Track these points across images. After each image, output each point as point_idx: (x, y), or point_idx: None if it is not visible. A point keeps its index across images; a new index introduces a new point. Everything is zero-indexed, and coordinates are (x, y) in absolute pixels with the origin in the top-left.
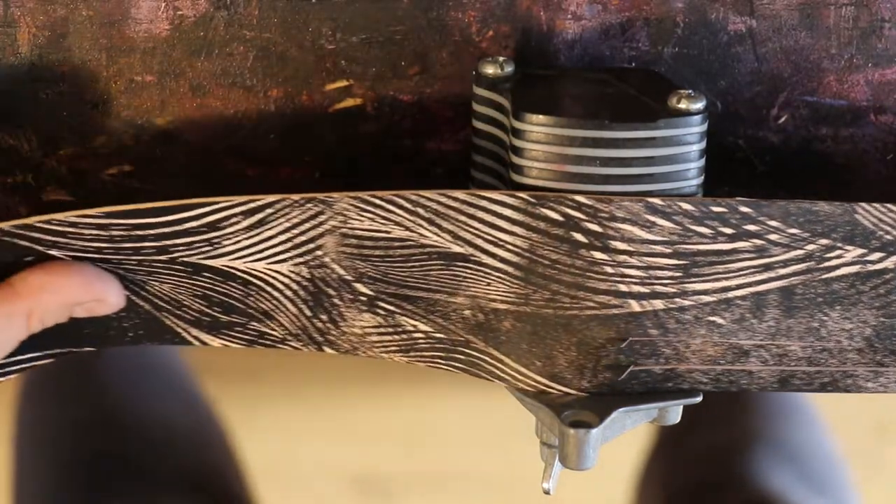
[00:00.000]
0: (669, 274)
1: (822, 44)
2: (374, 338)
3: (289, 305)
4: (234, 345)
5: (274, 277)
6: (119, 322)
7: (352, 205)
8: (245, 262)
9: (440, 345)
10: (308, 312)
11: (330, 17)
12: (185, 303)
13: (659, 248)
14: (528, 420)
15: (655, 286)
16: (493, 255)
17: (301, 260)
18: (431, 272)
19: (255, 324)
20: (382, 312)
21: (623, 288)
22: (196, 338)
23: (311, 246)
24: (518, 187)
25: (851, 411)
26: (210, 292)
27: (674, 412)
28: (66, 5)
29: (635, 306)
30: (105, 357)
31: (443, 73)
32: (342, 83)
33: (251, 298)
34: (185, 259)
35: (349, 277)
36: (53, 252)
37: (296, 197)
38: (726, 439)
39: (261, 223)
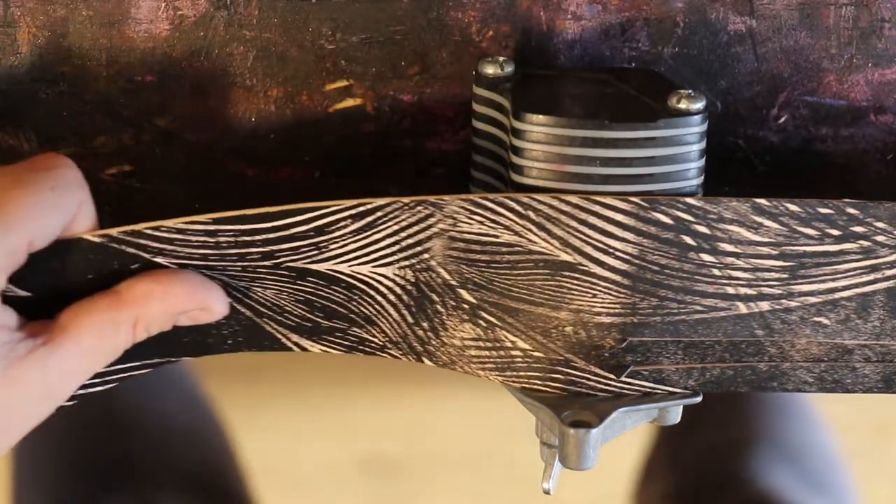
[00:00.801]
0: (776, 275)
1: (822, 44)
2: (473, 352)
3: (391, 311)
4: (333, 351)
5: (378, 281)
6: (218, 329)
7: (462, 207)
8: (350, 266)
9: (538, 364)
10: (410, 319)
11: (330, 17)
12: (287, 308)
13: (766, 250)
14: (528, 420)
15: (762, 288)
16: (602, 264)
17: (407, 263)
18: (536, 282)
19: (356, 329)
20: (483, 324)
21: (730, 290)
22: (296, 343)
23: (418, 249)
24: (518, 187)
25: (851, 411)
26: (313, 297)
27: (674, 412)
28: (66, 5)
29: (742, 308)
30: None
31: (443, 73)
32: (342, 83)
33: (354, 303)
34: (290, 264)
35: (454, 282)
36: (159, 259)
37: (406, 200)
38: (726, 439)
39: (369, 226)
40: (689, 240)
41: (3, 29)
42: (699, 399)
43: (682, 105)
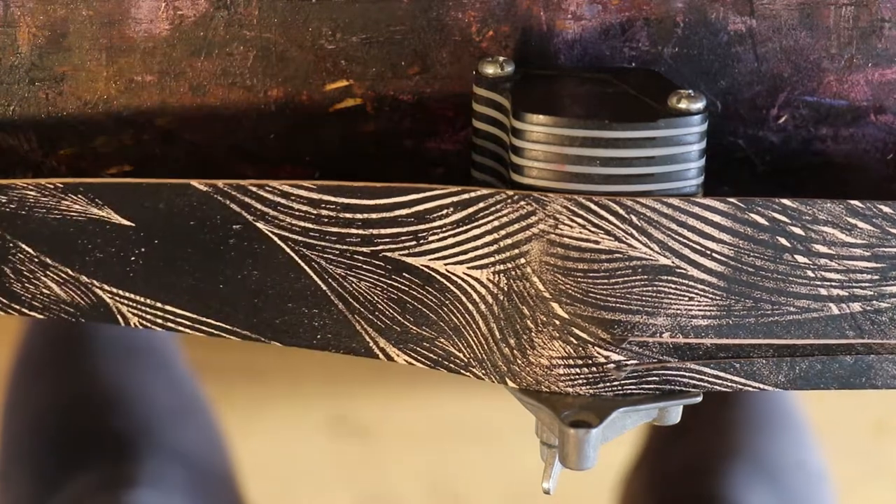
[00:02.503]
0: (868, 277)
1: (822, 44)
2: (562, 371)
3: (480, 323)
4: (418, 364)
5: (472, 286)
6: (310, 320)
7: (565, 206)
8: (446, 264)
9: (633, 372)
10: (498, 334)
11: (330, 17)
12: (379, 306)
13: (858, 252)
14: (528, 420)
15: (854, 289)
16: (699, 266)
17: (502, 268)
18: (634, 289)
19: (443, 341)
20: (574, 342)
21: (823, 292)
22: (383, 350)
23: (516, 252)
24: (518, 187)
25: (850, 410)
26: (406, 297)
27: (674, 412)
28: (66, 5)
29: (834, 309)
30: (93, 336)
31: (443, 73)
32: (342, 83)
33: (445, 308)
34: (388, 254)
35: (547, 294)
36: (260, 224)
37: (510, 192)
38: (706, 454)
39: (470, 218)
40: (784, 241)
41: (3, 29)
42: (699, 399)
43: (682, 105)
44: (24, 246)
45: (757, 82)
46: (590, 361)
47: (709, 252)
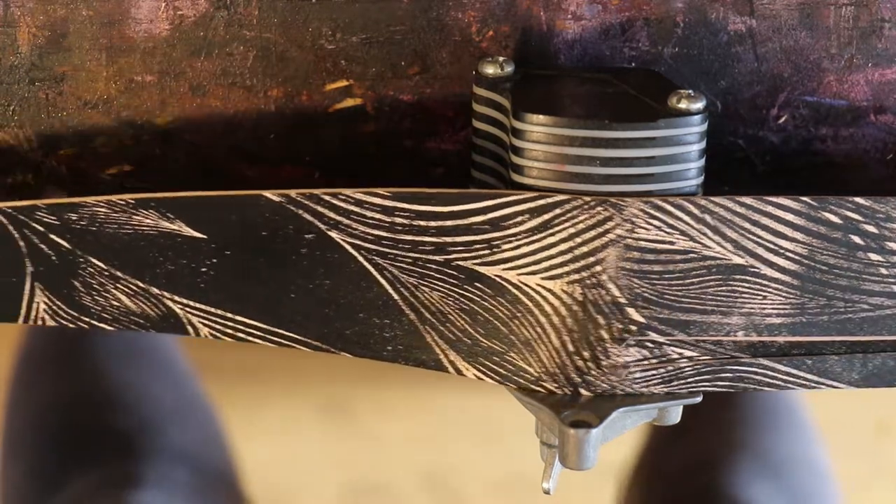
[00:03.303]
0: None
1: (822, 44)
2: (638, 374)
3: (552, 336)
4: (487, 379)
5: (544, 298)
6: (381, 331)
7: (641, 210)
8: (519, 274)
9: (707, 369)
10: (570, 346)
11: (330, 17)
12: (450, 316)
13: None
14: (528, 420)
15: None
16: (773, 265)
17: (577, 276)
18: (708, 289)
19: (513, 355)
20: (650, 345)
21: None
22: (452, 363)
23: (591, 260)
24: (518, 187)
25: (852, 410)
26: (477, 307)
27: (674, 412)
28: (66, 5)
29: None
30: (96, 336)
31: (443, 73)
32: (342, 83)
33: (516, 321)
34: (461, 263)
35: (623, 300)
36: (333, 234)
37: (587, 198)
38: (710, 450)
39: (545, 226)
40: (857, 239)
41: (3, 29)
42: (699, 399)
43: (682, 105)
44: (94, 260)
45: (757, 82)
46: (665, 359)
47: (782, 251)
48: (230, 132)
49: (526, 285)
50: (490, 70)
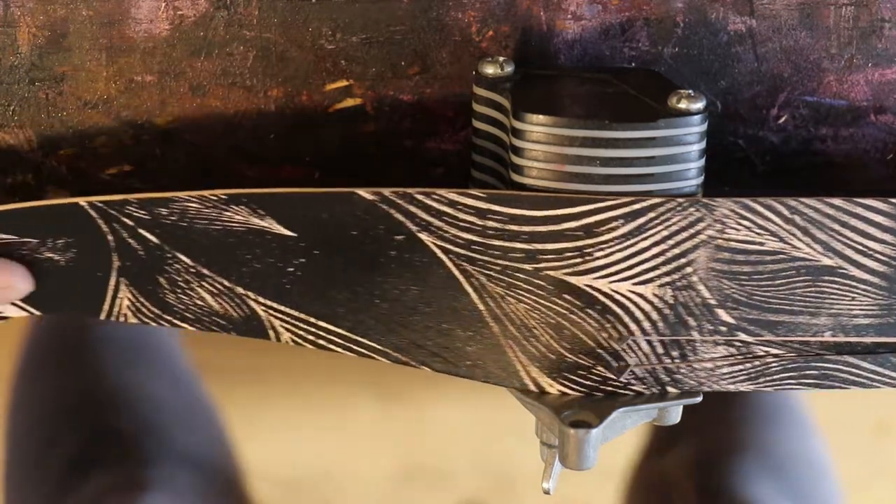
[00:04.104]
0: None
1: (822, 44)
2: (725, 369)
3: (642, 344)
4: (572, 393)
5: (635, 304)
6: (463, 343)
7: (732, 210)
8: (610, 282)
9: (793, 365)
10: (660, 349)
11: (330, 17)
12: (535, 331)
13: None
14: (528, 420)
15: None
16: (861, 267)
17: (668, 279)
18: (797, 290)
19: (601, 369)
20: (738, 344)
21: None
22: (534, 380)
23: (683, 261)
24: (518, 187)
25: (852, 410)
26: (564, 321)
27: (674, 412)
28: (66, 5)
29: None
30: (99, 337)
31: (443, 73)
32: (342, 83)
33: (604, 334)
34: (550, 273)
35: (713, 302)
36: (423, 236)
37: (680, 200)
38: (711, 448)
39: (639, 230)
40: None
41: (3, 29)
42: (699, 399)
43: (682, 105)
44: (181, 256)
45: (757, 82)
46: (751, 356)
47: (871, 252)
48: (230, 132)
49: (617, 293)
50: (490, 70)
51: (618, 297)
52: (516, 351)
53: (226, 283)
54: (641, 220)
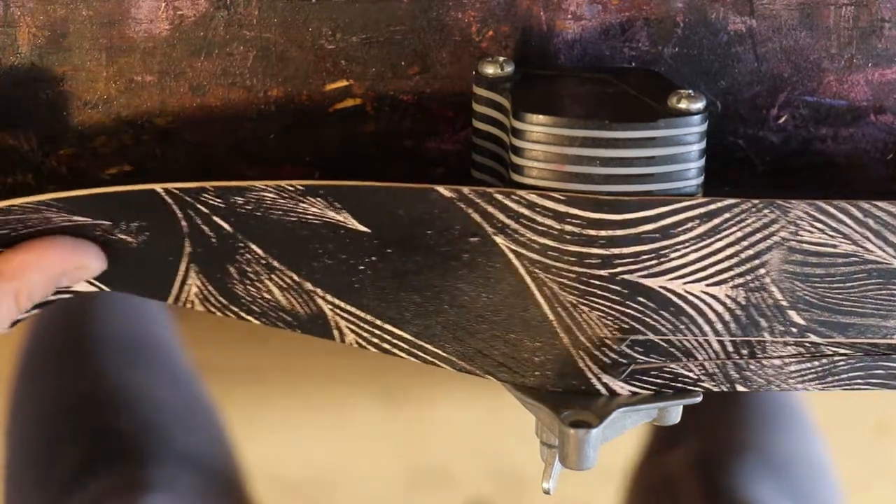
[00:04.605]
0: None
1: (822, 44)
2: (793, 367)
3: (713, 342)
4: (643, 392)
5: (708, 305)
6: (531, 354)
7: (806, 212)
8: (684, 283)
9: (860, 364)
10: (730, 348)
11: (330, 17)
12: (606, 340)
13: None
14: (528, 420)
15: None
16: None
17: (741, 280)
18: (868, 293)
19: (673, 366)
20: (808, 345)
21: None
22: (606, 385)
23: (756, 262)
24: (518, 187)
25: (851, 411)
26: (638, 325)
27: (674, 412)
28: (66, 5)
29: None
30: (99, 338)
31: (443, 73)
32: (342, 83)
33: (678, 335)
34: (626, 277)
35: (784, 303)
36: (498, 238)
37: (755, 201)
38: (712, 449)
39: (714, 231)
40: None
41: (3, 29)
42: (699, 399)
43: (682, 105)
44: (253, 247)
45: (757, 82)
46: (819, 354)
47: None
48: (230, 132)
49: (691, 294)
50: (490, 70)
51: (691, 298)
52: (587, 361)
53: (295, 277)
54: (717, 221)
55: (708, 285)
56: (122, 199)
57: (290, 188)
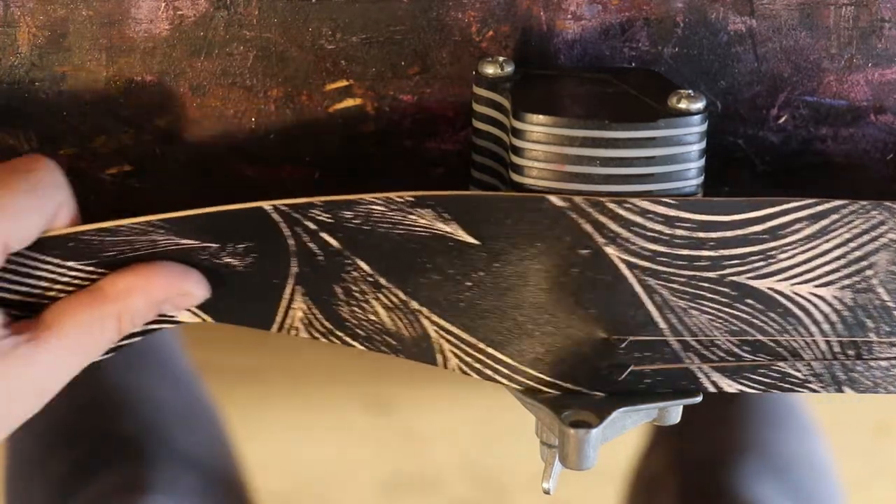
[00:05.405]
0: None
1: (822, 44)
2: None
3: (820, 343)
4: (749, 390)
5: (815, 306)
6: (638, 364)
7: None
8: (791, 284)
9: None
10: (837, 348)
11: (330, 17)
12: (716, 341)
13: None
14: (528, 420)
15: None
16: None
17: (848, 282)
18: None
19: (780, 365)
20: None
21: None
22: (714, 383)
23: (864, 264)
24: (518, 187)
25: (851, 411)
26: (746, 326)
27: (674, 412)
28: (66, 5)
29: None
30: None
31: (443, 73)
32: (342, 83)
33: (785, 336)
34: (734, 279)
35: (891, 304)
36: (609, 249)
37: (864, 202)
38: (714, 450)
39: (822, 232)
40: None
41: (3, 29)
42: (699, 399)
43: (682, 105)
44: (360, 263)
45: (757, 82)
46: None
47: None
48: (230, 132)
49: (798, 295)
50: (490, 70)
51: (798, 299)
52: (696, 361)
53: (401, 294)
54: (825, 222)
55: (816, 286)
56: (230, 217)
57: (399, 199)
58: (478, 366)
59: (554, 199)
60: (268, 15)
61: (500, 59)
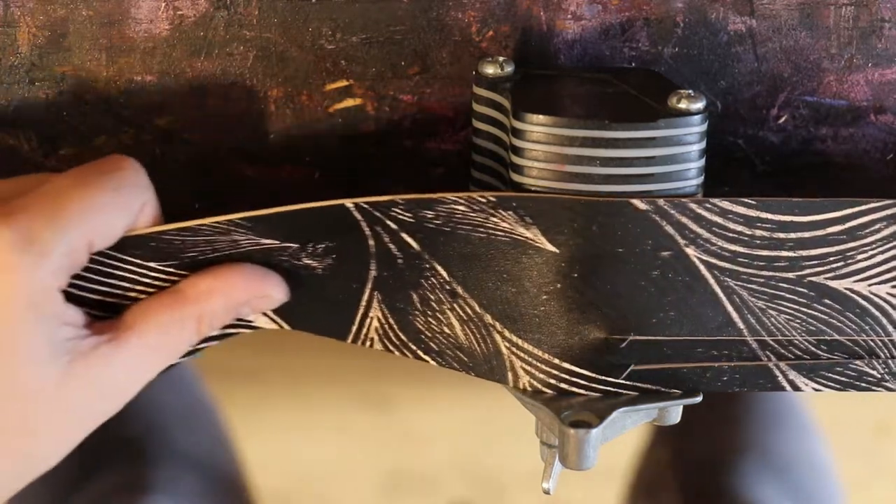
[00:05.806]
0: None
1: (822, 44)
2: None
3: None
4: (825, 389)
5: (893, 306)
6: (720, 351)
7: None
8: (869, 285)
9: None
10: None
11: (330, 17)
12: (794, 340)
13: None
14: (528, 420)
15: None
16: None
17: None
18: None
19: (857, 363)
20: None
21: None
22: (791, 382)
23: None
24: (518, 187)
25: (851, 411)
26: (824, 326)
27: (674, 412)
28: (66, 5)
29: None
30: None
31: (443, 73)
32: (342, 83)
33: (862, 335)
34: (812, 279)
35: None
36: (689, 251)
37: None
38: (715, 451)
39: None
40: None
41: (3, 29)
42: (699, 399)
43: (682, 105)
44: (439, 268)
45: (757, 82)
46: None
47: None
48: (230, 132)
49: (876, 295)
50: (490, 70)
51: (876, 299)
52: (774, 360)
53: (476, 307)
54: None
55: (893, 287)
56: (311, 214)
57: (482, 200)
58: (552, 381)
59: (637, 202)
60: (268, 15)
61: (500, 59)
